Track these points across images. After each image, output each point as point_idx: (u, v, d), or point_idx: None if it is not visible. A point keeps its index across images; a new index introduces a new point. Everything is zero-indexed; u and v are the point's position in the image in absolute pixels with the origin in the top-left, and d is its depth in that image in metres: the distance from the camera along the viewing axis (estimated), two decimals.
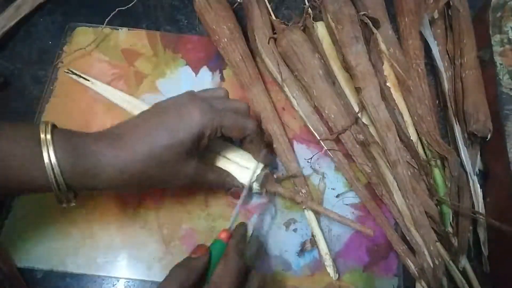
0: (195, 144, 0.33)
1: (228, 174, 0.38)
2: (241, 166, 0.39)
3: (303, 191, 0.42)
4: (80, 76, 0.46)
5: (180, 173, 0.33)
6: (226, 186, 0.39)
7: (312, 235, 0.41)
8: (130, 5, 0.50)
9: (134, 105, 0.44)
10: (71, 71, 0.46)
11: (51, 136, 0.29)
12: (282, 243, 0.41)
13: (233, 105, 0.36)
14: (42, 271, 0.39)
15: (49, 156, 0.28)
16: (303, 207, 0.41)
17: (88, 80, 0.46)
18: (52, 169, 0.28)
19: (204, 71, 0.48)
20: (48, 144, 0.28)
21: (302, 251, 0.40)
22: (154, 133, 0.31)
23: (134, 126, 0.32)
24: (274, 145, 0.43)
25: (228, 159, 0.39)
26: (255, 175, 0.38)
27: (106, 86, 0.46)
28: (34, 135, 0.29)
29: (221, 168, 0.38)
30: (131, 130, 0.32)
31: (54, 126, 0.30)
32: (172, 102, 0.34)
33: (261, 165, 0.39)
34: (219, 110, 0.34)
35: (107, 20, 0.48)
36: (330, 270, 0.39)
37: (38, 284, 0.38)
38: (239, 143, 0.39)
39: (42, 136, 0.28)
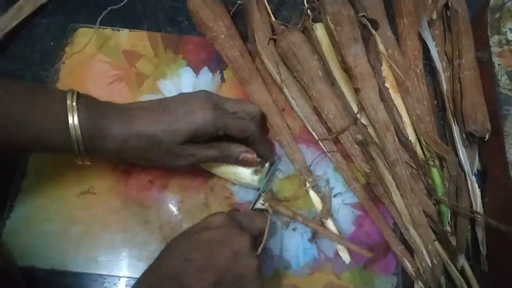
0: (193, 137, 0.36)
1: (230, 145, 0.39)
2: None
3: (310, 179, 0.42)
4: None
5: (178, 157, 0.37)
6: (233, 157, 0.39)
7: (321, 220, 0.41)
8: (122, 4, 0.50)
9: None
10: None
11: (76, 103, 0.33)
12: (282, 242, 0.41)
13: (245, 108, 0.39)
14: (43, 270, 0.39)
15: (73, 120, 0.33)
16: (306, 189, 0.42)
17: None
18: (75, 130, 0.33)
19: (205, 71, 0.49)
20: (73, 110, 0.33)
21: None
22: (158, 118, 0.35)
23: (146, 107, 0.37)
24: (278, 137, 0.44)
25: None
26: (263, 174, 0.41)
27: None
28: (61, 100, 0.33)
29: (222, 143, 0.39)
30: (143, 109, 0.36)
31: (78, 94, 0.34)
32: (188, 97, 0.38)
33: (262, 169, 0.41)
34: (225, 113, 0.37)
35: (98, 20, 0.49)
36: (342, 254, 0.40)
37: (39, 283, 0.39)
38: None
39: (69, 102, 0.33)
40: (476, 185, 0.42)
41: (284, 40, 0.45)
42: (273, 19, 0.49)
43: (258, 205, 0.40)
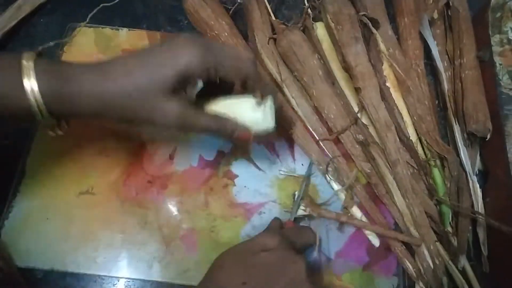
0: (180, 82, 0.31)
1: (227, 119, 0.34)
2: (253, 105, 0.35)
3: (329, 169, 0.43)
4: None
5: (163, 111, 0.32)
6: (227, 132, 0.35)
7: (346, 208, 0.41)
8: (116, 1, 0.51)
9: None
10: None
11: (34, 63, 0.29)
12: None
13: (235, 53, 0.34)
14: (42, 271, 0.39)
15: (30, 82, 0.28)
16: (326, 178, 0.43)
17: None
18: (34, 95, 0.28)
19: None
20: (29, 70, 0.28)
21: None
22: (139, 66, 0.31)
23: (123, 59, 0.32)
24: (291, 130, 0.44)
25: (237, 101, 0.36)
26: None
27: None
28: (17, 63, 0.29)
29: (217, 115, 0.35)
30: (119, 62, 0.31)
31: (39, 54, 0.30)
32: (170, 39, 0.32)
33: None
34: (215, 52, 0.32)
35: (89, 16, 0.49)
36: (371, 237, 0.40)
37: (38, 283, 0.38)
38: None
39: (24, 62, 0.29)
40: (478, 185, 0.42)
41: (284, 39, 0.45)
42: (273, 18, 0.48)
43: (300, 212, 0.40)
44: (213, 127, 0.34)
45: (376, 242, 0.41)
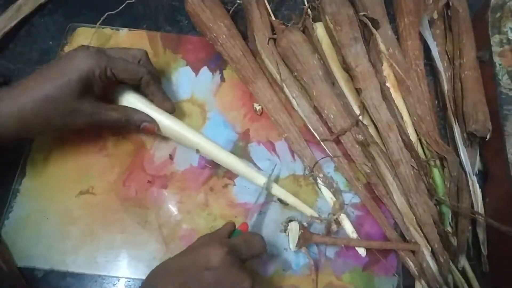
0: (85, 83, 0.36)
1: (135, 111, 0.40)
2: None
3: (320, 175, 0.42)
4: None
5: (77, 112, 0.37)
6: (135, 122, 0.40)
7: (334, 215, 0.41)
8: (119, 9, 0.50)
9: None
10: None
11: None
12: (282, 242, 0.41)
13: (128, 52, 0.41)
14: (42, 271, 0.39)
15: None
16: (318, 185, 0.43)
17: None
18: None
19: (204, 71, 0.49)
20: None
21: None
22: (43, 79, 0.36)
23: (27, 78, 0.36)
24: (286, 134, 0.44)
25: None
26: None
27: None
28: None
29: (126, 107, 0.40)
30: (27, 80, 0.36)
31: None
32: (65, 54, 0.38)
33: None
34: (109, 57, 0.38)
35: (98, 23, 0.49)
36: (358, 248, 0.40)
37: (38, 283, 0.39)
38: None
39: None
40: (477, 185, 0.42)
41: (284, 39, 0.45)
42: (273, 18, 0.48)
43: (293, 248, 0.39)
44: (122, 118, 0.39)
45: (362, 252, 0.40)
